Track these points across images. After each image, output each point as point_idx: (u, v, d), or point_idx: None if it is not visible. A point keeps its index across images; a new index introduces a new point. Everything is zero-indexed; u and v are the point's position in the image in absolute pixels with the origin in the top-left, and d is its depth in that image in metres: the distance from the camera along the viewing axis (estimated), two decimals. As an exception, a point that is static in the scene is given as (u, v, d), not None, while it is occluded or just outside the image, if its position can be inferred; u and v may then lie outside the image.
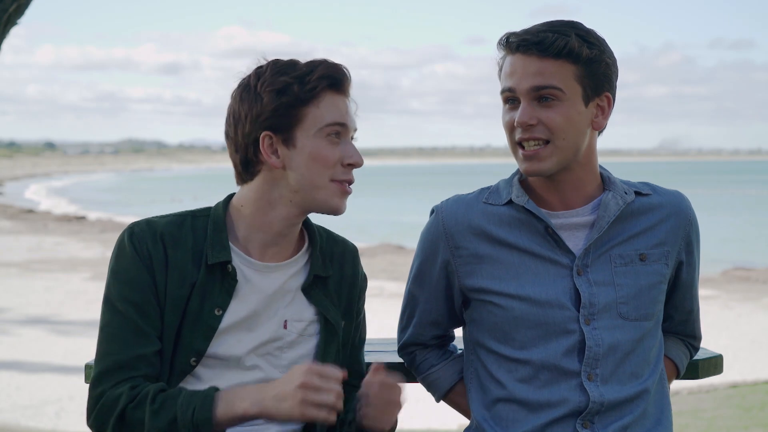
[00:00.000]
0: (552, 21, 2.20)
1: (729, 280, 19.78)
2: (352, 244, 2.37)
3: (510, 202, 2.26)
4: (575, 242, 2.23)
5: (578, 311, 2.19)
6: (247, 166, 2.15)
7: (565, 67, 2.14)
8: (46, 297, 16.05)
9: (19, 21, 4.90)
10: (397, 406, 2.14)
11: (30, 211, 39.38)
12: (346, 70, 2.17)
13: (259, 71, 2.13)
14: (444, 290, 2.34)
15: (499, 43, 2.23)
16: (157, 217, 2.19)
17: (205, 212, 2.20)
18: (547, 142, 2.16)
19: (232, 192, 2.24)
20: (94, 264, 20.73)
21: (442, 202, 2.35)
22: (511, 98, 2.19)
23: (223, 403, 2.00)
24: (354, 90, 2.19)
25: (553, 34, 2.14)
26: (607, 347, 2.18)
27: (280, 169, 2.12)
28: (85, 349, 9.93)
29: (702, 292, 17.52)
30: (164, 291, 2.11)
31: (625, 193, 2.25)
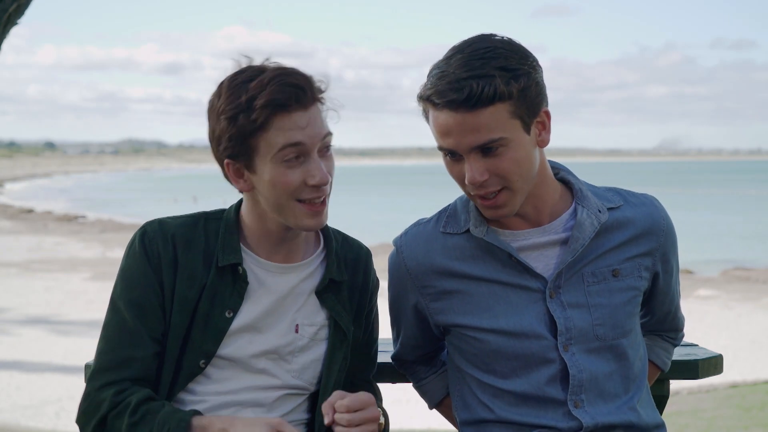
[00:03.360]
0: (466, 55, 2.00)
1: (729, 280, 19.78)
2: (366, 249, 2.33)
3: (469, 231, 2.16)
4: (545, 262, 2.14)
5: (555, 338, 2.11)
6: (230, 183, 2.13)
7: (499, 109, 1.98)
8: (46, 297, 16.05)
9: (19, 21, 4.90)
10: (371, 423, 2.06)
11: (30, 211, 39.38)
12: (303, 81, 2.03)
13: (220, 88, 2.05)
14: (419, 324, 2.29)
15: (421, 98, 2.05)
16: (170, 217, 2.18)
17: (218, 214, 2.19)
18: (502, 188, 2.05)
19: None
20: (94, 264, 20.73)
21: (401, 237, 2.26)
22: (452, 153, 2.06)
23: (196, 431, 2.00)
24: (352, 90, 2.11)
25: (477, 81, 1.96)
26: (590, 373, 2.12)
27: (253, 191, 2.09)
28: (85, 349, 9.91)
29: (702, 292, 17.52)
30: (172, 292, 2.10)
31: (599, 211, 2.14)
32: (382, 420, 2.15)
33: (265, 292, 2.14)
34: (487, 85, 1.96)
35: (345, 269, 2.24)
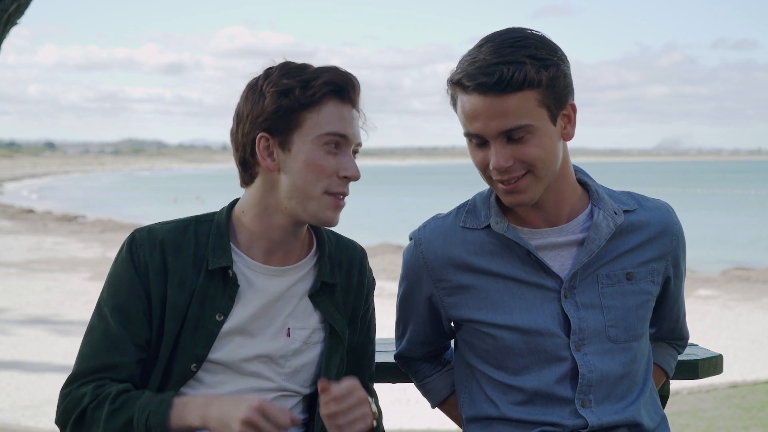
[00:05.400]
0: (497, 43, 2.03)
1: (729, 280, 19.79)
2: (361, 249, 2.32)
3: (489, 226, 2.18)
4: (561, 262, 2.16)
5: (568, 337, 2.13)
6: (245, 167, 2.12)
7: (527, 96, 2.01)
8: (46, 297, 16.06)
9: (19, 21, 4.90)
10: (363, 405, 2.03)
11: (30, 211, 39.38)
12: (356, 80, 2.11)
13: (268, 72, 2.09)
14: (431, 318, 2.29)
15: (451, 82, 2.08)
16: (160, 223, 2.18)
17: (209, 217, 2.19)
18: (525, 172, 2.07)
19: (236, 197, 2.21)
20: (93, 264, 20.73)
21: (420, 230, 2.27)
22: (478, 139, 2.08)
23: (176, 410, 2.00)
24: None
25: (508, 66, 1.99)
26: (600, 373, 2.14)
27: (276, 173, 2.09)
28: (85, 349, 9.90)
29: (702, 292, 17.52)
30: (162, 298, 2.10)
31: (615, 213, 2.17)
32: (375, 409, 2.13)
33: (255, 294, 2.14)
34: (517, 70, 1.99)
35: (339, 271, 2.23)
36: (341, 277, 2.23)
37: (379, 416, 2.19)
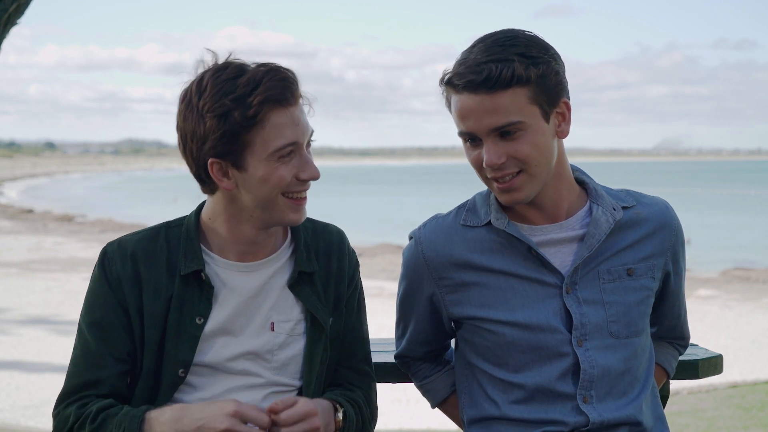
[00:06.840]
0: (488, 43, 2.06)
1: (729, 280, 19.80)
2: (338, 232, 2.29)
3: (489, 224, 2.19)
4: (562, 258, 2.17)
5: (570, 333, 2.14)
6: (203, 183, 2.10)
7: (517, 93, 2.03)
8: (46, 297, 16.05)
9: (19, 21, 4.90)
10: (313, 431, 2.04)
11: (30, 211, 39.39)
12: (292, 76, 2.03)
13: (200, 85, 2.01)
14: (431, 317, 2.30)
15: (442, 82, 2.11)
16: (130, 234, 2.18)
17: (180, 222, 2.18)
18: (519, 171, 2.09)
19: (204, 200, 2.19)
20: (93, 264, 20.71)
21: (420, 229, 2.28)
22: (471, 138, 2.10)
23: (148, 425, 2.00)
24: (354, 90, 2.10)
25: (496, 64, 2.01)
26: (601, 369, 2.14)
27: (235, 189, 2.06)
28: (85, 349, 9.88)
29: (702, 292, 17.52)
30: (140, 308, 2.10)
31: (614, 209, 2.19)
32: (339, 417, 2.14)
33: (232, 293, 2.13)
34: (505, 68, 2.02)
35: (316, 259, 2.21)
36: (320, 265, 2.21)
37: (352, 423, 2.18)
